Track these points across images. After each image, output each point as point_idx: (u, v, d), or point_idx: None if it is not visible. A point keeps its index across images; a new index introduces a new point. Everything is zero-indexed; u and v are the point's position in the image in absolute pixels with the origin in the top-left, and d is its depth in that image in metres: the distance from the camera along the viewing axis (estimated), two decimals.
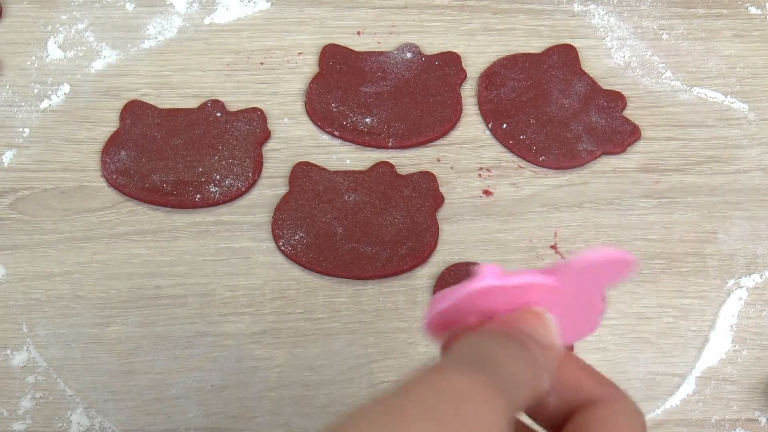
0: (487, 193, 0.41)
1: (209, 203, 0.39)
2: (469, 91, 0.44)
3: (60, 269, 0.38)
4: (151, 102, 0.42)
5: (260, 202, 0.40)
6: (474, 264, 0.38)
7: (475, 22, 0.46)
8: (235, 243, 0.39)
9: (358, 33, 0.46)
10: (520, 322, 0.22)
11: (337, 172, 0.40)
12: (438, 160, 0.41)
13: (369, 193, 0.40)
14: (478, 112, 0.43)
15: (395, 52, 0.44)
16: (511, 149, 0.42)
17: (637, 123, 0.42)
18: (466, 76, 0.44)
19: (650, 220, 0.40)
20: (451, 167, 0.41)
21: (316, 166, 0.40)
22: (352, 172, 0.40)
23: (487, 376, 0.20)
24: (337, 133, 0.42)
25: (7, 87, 0.43)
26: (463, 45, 0.45)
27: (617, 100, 0.43)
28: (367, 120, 0.42)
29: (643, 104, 0.43)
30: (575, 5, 0.47)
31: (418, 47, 0.44)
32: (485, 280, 0.22)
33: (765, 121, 0.43)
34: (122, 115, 0.42)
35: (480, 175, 0.41)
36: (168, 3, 0.47)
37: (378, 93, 0.43)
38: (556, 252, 0.39)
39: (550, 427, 0.23)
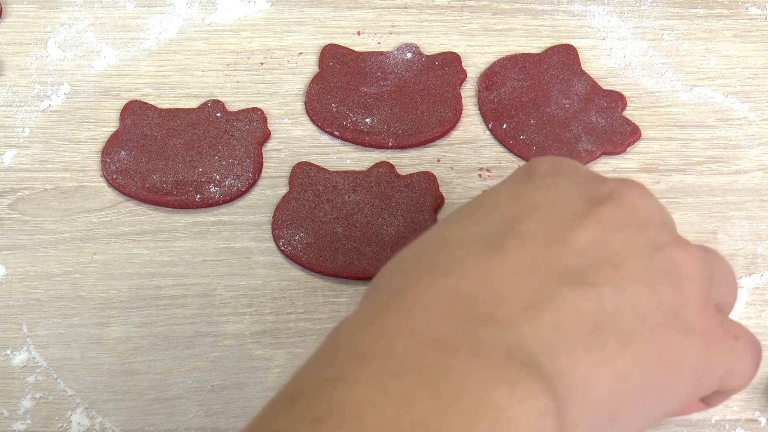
0: None
1: (209, 203, 0.39)
2: (469, 91, 0.44)
3: (60, 269, 0.38)
4: (151, 102, 0.42)
5: (260, 202, 0.40)
6: None
7: (475, 22, 0.46)
8: (235, 243, 0.39)
9: (358, 33, 0.46)
10: None
11: (337, 172, 0.40)
12: (438, 160, 0.41)
13: (369, 193, 0.40)
14: (478, 112, 0.43)
15: (395, 52, 0.44)
16: (511, 149, 0.42)
17: (637, 123, 0.42)
18: (466, 76, 0.44)
19: None
20: (451, 167, 0.41)
21: (316, 166, 0.40)
22: (352, 172, 0.40)
23: None
24: (337, 133, 0.42)
25: (7, 87, 0.43)
26: (463, 45, 0.45)
27: (617, 100, 0.43)
28: (367, 120, 0.42)
29: (643, 104, 0.43)
30: (575, 5, 0.47)
31: (418, 47, 0.44)
32: None
33: (765, 121, 0.43)
34: (122, 115, 0.42)
35: (480, 175, 0.41)
36: (168, 3, 0.47)
37: (378, 93, 0.43)
38: None
39: None
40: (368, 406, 0.20)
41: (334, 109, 0.42)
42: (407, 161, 0.41)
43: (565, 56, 0.44)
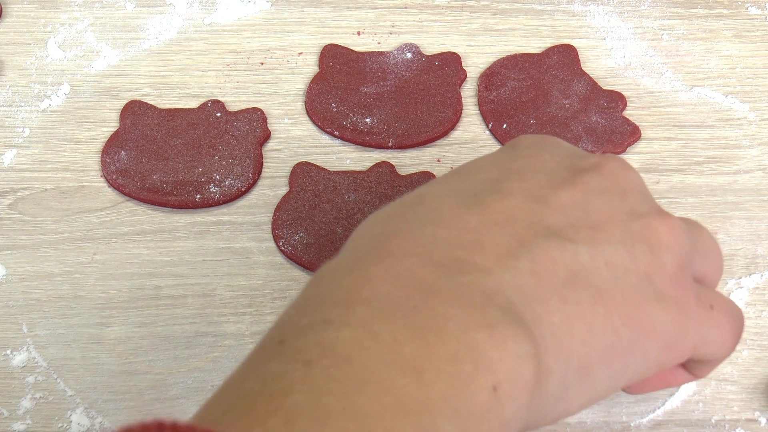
0: None
1: (209, 203, 0.39)
2: (469, 91, 0.44)
3: (60, 269, 0.38)
4: (151, 102, 0.42)
5: (260, 202, 0.40)
6: None
7: (475, 22, 0.46)
8: (235, 243, 0.39)
9: (358, 33, 0.46)
10: None
11: (337, 172, 0.40)
12: (438, 160, 0.41)
13: (369, 193, 0.40)
14: (478, 112, 0.43)
15: (395, 52, 0.44)
16: None
17: (637, 123, 0.42)
18: (466, 76, 0.44)
19: None
20: (451, 167, 0.41)
21: (316, 166, 0.40)
22: (352, 172, 0.40)
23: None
24: (337, 133, 0.42)
25: (7, 87, 0.43)
26: (463, 45, 0.45)
27: (617, 100, 0.43)
28: (367, 120, 0.42)
29: (643, 104, 0.43)
30: (575, 5, 0.47)
31: (418, 47, 0.44)
32: None
33: (765, 121, 0.43)
34: (122, 115, 0.42)
35: None
36: (168, 3, 0.47)
37: (378, 93, 0.43)
38: None
39: None
40: (358, 348, 0.21)
41: (334, 109, 0.42)
42: (407, 161, 0.41)
43: (565, 56, 0.44)
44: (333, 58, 0.44)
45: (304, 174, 0.40)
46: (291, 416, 0.19)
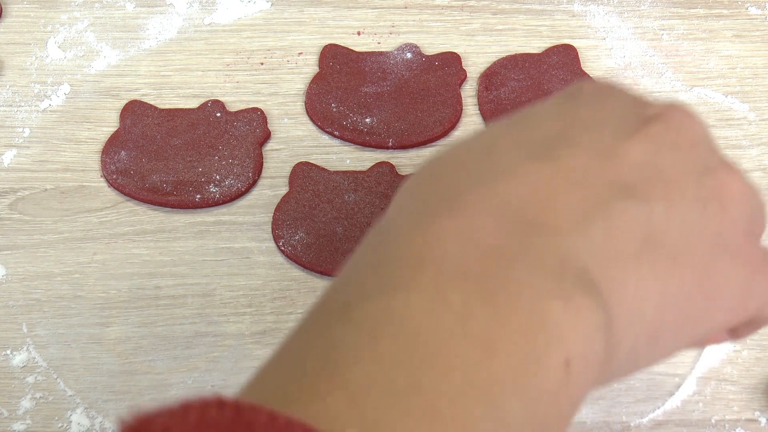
0: None
1: (209, 203, 0.39)
2: (469, 91, 0.44)
3: (60, 269, 0.38)
4: (151, 102, 0.42)
5: (260, 202, 0.40)
6: None
7: (475, 22, 0.46)
8: (235, 243, 0.39)
9: (358, 33, 0.46)
10: None
11: (337, 172, 0.40)
12: None
13: (369, 193, 0.40)
14: (478, 112, 0.43)
15: (395, 52, 0.44)
16: None
17: None
18: (466, 76, 0.44)
19: None
20: None
21: (316, 166, 0.40)
22: (352, 172, 0.40)
23: None
24: (337, 133, 0.42)
25: (7, 87, 0.43)
26: (463, 45, 0.45)
27: None
28: (367, 120, 0.42)
29: None
30: (575, 5, 0.47)
31: (418, 47, 0.44)
32: None
33: (765, 121, 0.43)
34: (122, 115, 0.42)
35: None
36: (168, 3, 0.47)
37: (378, 93, 0.43)
38: None
39: None
40: (427, 320, 0.19)
41: (334, 109, 0.42)
42: (407, 161, 0.41)
43: (565, 56, 0.44)
44: (333, 58, 0.44)
45: (304, 174, 0.40)
46: (355, 392, 0.18)
